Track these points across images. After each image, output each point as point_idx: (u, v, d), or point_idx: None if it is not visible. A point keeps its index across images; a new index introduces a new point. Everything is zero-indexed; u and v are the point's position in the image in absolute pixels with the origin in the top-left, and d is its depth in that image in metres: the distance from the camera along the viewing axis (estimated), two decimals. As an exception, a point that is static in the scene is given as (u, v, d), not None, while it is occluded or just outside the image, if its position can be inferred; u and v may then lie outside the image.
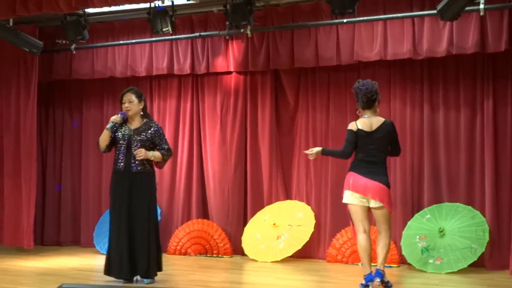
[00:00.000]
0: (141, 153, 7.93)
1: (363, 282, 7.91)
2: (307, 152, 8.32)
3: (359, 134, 7.96)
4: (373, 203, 7.90)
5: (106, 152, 8.40)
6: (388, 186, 7.95)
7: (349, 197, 7.99)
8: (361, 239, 7.92)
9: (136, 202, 7.97)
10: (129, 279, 8.05)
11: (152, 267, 8.03)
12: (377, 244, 7.99)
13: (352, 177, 7.99)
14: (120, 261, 7.97)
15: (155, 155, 8.04)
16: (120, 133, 8.09)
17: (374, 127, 7.95)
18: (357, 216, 7.95)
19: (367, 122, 7.97)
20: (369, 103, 8.00)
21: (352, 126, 8.04)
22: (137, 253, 7.94)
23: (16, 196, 10.88)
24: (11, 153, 10.95)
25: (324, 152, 8.33)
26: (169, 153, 8.20)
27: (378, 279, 7.88)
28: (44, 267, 9.54)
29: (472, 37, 8.99)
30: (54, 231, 11.98)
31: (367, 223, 7.98)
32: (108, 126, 8.08)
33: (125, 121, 8.18)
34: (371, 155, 7.95)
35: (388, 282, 7.91)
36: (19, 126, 10.96)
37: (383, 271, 7.90)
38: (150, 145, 8.05)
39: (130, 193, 7.98)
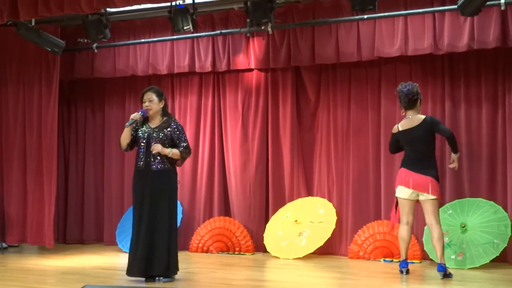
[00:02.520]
0: (156, 148, 7.95)
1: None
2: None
3: (400, 135, 8.57)
4: (422, 196, 8.37)
5: (127, 151, 8.42)
6: (435, 178, 8.36)
7: (400, 191, 8.51)
8: (402, 230, 8.55)
9: (156, 200, 7.97)
10: (149, 278, 8.03)
11: (172, 266, 8.03)
12: (431, 238, 8.40)
13: (402, 173, 8.51)
14: (139, 259, 7.98)
15: (172, 151, 8.01)
16: (140, 132, 8.12)
17: (415, 124, 8.44)
18: (403, 209, 8.52)
19: (408, 122, 8.53)
20: (411, 104, 8.51)
21: (394, 129, 8.72)
22: (157, 252, 7.94)
23: (38, 195, 10.95)
24: (33, 152, 11.03)
25: None
26: (187, 151, 8.16)
27: (441, 273, 8.22)
28: (67, 266, 9.59)
29: (493, 31, 8.95)
30: (77, 230, 12.04)
31: (412, 217, 8.54)
32: (127, 123, 8.10)
33: (146, 119, 8.20)
34: (416, 151, 8.46)
35: (450, 274, 8.27)
36: (41, 125, 11.03)
37: (444, 264, 8.25)
38: (170, 143, 8.05)
39: (150, 191, 7.99)
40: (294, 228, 10.23)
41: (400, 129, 8.54)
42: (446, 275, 8.20)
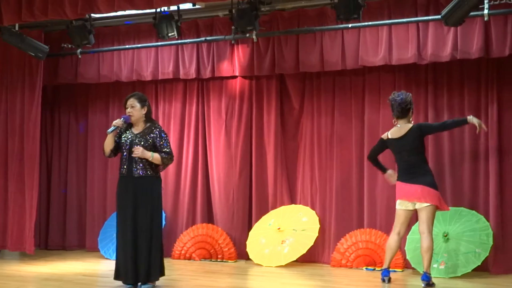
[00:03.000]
0: (137, 151, 7.91)
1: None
2: None
3: (389, 142, 8.59)
4: (418, 205, 8.37)
5: (111, 157, 8.38)
6: (429, 184, 8.35)
7: (399, 204, 8.52)
8: (391, 239, 8.55)
9: (140, 206, 7.94)
10: (134, 285, 8.01)
11: (153, 273, 7.99)
12: (421, 247, 8.37)
13: (398, 186, 8.53)
14: (125, 266, 7.97)
15: (153, 156, 7.96)
16: (123, 138, 8.10)
17: (403, 133, 8.45)
18: (398, 219, 8.54)
19: (397, 130, 8.56)
20: (403, 113, 8.53)
21: (384, 135, 8.72)
22: (140, 258, 7.91)
23: (20, 201, 10.88)
24: (15, 157, 10.95)
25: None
26: (169, 157, 8.08)
27: (424, 282, 8.24)
28: (48, 272, 9.55)
29: (476, 42, 9.00)
30: (59, 236, 11.99)
31: (404, 229, 8.58)
32: (109, 130, 8.06)
33: (130, 125, 8.18)
34: (404, 160, 8.49)
35: (433, 283, 8.27)
36: (23, 131, 10.97)
37: (429, 274, 8.26)
38: (152, 149, 7.99)
39: (133, 198, 7.96)
40: (277, 236, 10.22)
41: (390, 136, 8.57)
42: (429, 284, 8.20)
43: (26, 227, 10.81)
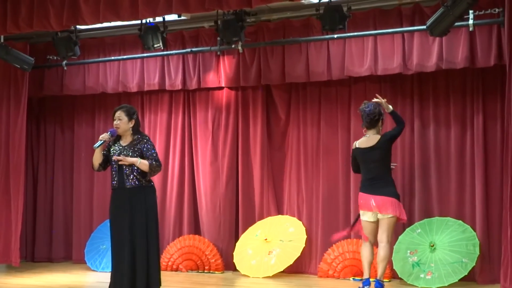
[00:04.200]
0: (119, 158, 7.85)
1: (360, 285, 8.58)
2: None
3: (356, 152, 8.66)
4: (380, 215, 8.47)
5: (100, 171, 8.26)
6: (395, 196, 8.46)
7: (361, 215, 8.62)
8: (363, 248, 8.65)
9: (135, 217, 7.88)
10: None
11: (152, 283, 7.92)
12: (377, 255, 8.50)
13: (362, 199, 8.60)
14: (121, 277, 7.89)
15: (140, 161, 7.88)
16: (112, 151, 8.06)
17: (371, 144, 8.50)
18: (365, 230, 8.61)
19: (365, 141, 8.64)
20: (372, 124, 8.62)
21: (353, 145, 8.83)
22: (138, 269, 7.85)
23: (5, 213, 10.80)
24: (1, 169, 10.88)
25: None
26: (157, 164, 7.98)
27: None
28: (34, 284, 9.52)
29: (461, 52, 9.04)
30: (45, 248, 11.94)
31: (373, 237, 8.58)
32: (95, 145, 8.01)
33: (118, 138, 8.14)
34: (370, 171, 8.56)
35: None
36: (8, 142, 10.91)
37: (382, 281, 8.46)
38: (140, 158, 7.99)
39: (128, 208, 7.88)
40: (264, 247, 10.21)
41: (357, 146, 8.68)
42: None
43: (12, 239, 10.74)
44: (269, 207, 10.62)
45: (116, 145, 8.07)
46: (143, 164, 7.90)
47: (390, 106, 8.60)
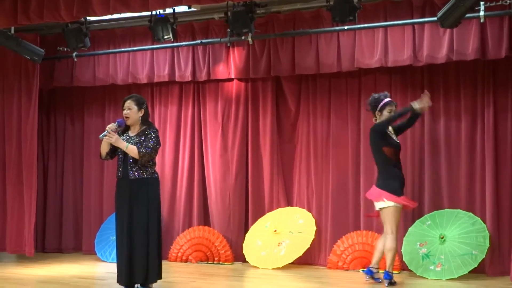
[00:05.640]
0: (111, 136, 7.83)
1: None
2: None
3: None
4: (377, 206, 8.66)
5: (107, 160, 8.32)
6: (381, 187, 8.53)
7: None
8: (379, 238, 8.88)
9: (136, 209, 7.91)
10: (130, 286, 8.00)
11: (151, 275, 7.96)
12: (384, 246, 8.60)
13: None
14: (121, 267, 7.97)
15: (128, 146, 7.84)
16: (119, 141, 8.08)
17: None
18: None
19: None
20: (372, 113, 8.83)
21: None
22: (136, 260, 7.90)
23: (18, 204, 10.89)
24: (13, 161, 10.95)
25: None
26: (146, 152, 7.83)
27: (367, 276, 8.74)
28: (45, 275, 9.55)
29: (472, 43, 8.99)
30: (55, 238, 11.99)
31: (383, 227, 8.69)
32: (101, 135, 7.99)
33: (126, 128, 8.16)
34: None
35: (395, 282, 8.51)
36: (20, 134, 10.97)
37: (391, 273, 8.54)
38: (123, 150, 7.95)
39: (130, 200, 7.92)
40: (274, 238, 10.22)
41: None
42: (391, 283, 8.45)
43: (25, 230, 10.81)
44: (278, 198, 10.63)
45: (124, 135, 8.08)
46: (131, 150, 7.84)
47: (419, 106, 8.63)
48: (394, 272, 9.14)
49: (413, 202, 8.93)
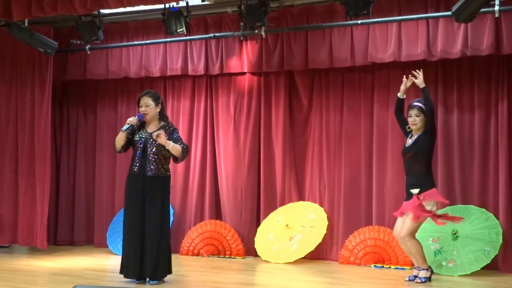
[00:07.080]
0: (161, 136, 7.83)
1: None
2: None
3: None
4: None
5: (121, 152, 8.37)
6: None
7: None
8: None
9: (150, 205, 7.95)
10: (140, 280, 8.03)
11: (161, 269, 8.02)
12: None
13: None
14: (128, 261, 8.01)
15: (173, 145, 7.92)
16: (137, 136, 8.08)
17: None
18: None
19: None
20: None
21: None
22: (147, 254, 7.93)
23: (30, 196, 10.93)
24: (26, 153, 10.99)
25: None
26: (187, 149, 8.16)
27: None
28: (57, 267, 9.57)
29: (487, 38, 8.94)
30: (67, 231, 12.01)
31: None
32: (123, 128, 8.04)
33: (143, 124, 8.17)
34: None
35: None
36: (33, 126, 11.00)
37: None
38: (167, 148, 8.00)
39: (143, 196, 7.96)
40: (285, 233, 10.21)
41: None
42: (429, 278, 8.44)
43: (38, 222, 10.85)
44: (290, 193, 10.61)
45: (142, 131, 8.11)
46: (175, 148, 7.94)
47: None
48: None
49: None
